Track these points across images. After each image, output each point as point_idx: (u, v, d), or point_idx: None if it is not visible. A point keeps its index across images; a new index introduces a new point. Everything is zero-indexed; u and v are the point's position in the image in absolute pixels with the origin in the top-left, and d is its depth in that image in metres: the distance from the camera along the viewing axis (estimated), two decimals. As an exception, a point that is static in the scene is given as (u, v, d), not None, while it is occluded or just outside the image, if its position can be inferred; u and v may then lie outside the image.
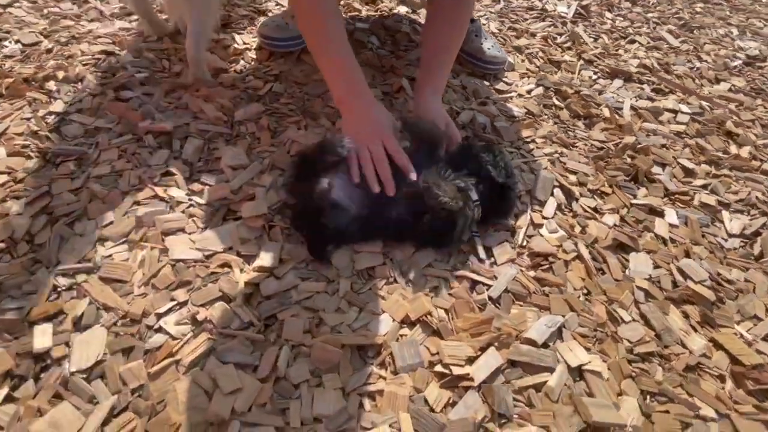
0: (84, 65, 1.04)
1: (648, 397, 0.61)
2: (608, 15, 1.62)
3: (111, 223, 0.72)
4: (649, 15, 1.65)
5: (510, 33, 1.42)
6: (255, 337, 0.61)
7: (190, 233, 0.73)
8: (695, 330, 0.69)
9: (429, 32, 0.94)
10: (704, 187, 0.95)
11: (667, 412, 0.59)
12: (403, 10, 1.49)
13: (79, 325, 0.60)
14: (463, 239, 0.75)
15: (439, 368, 0.61)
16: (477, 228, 0.77)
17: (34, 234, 0.70)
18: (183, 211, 0.75)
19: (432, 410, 0.57)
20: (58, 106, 0.91)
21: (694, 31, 1.58)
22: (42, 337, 0.57)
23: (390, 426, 0.55)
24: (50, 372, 0.56)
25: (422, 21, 1.43)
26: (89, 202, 0.75)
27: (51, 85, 0.96)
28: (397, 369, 0.60)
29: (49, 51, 1.10)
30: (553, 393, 0.59)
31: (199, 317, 0.62)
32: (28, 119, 0.88)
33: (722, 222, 0.88)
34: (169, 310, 0.63)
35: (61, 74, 0.98)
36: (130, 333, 0.60)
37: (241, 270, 0.69)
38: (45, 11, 1.27)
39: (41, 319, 0.60)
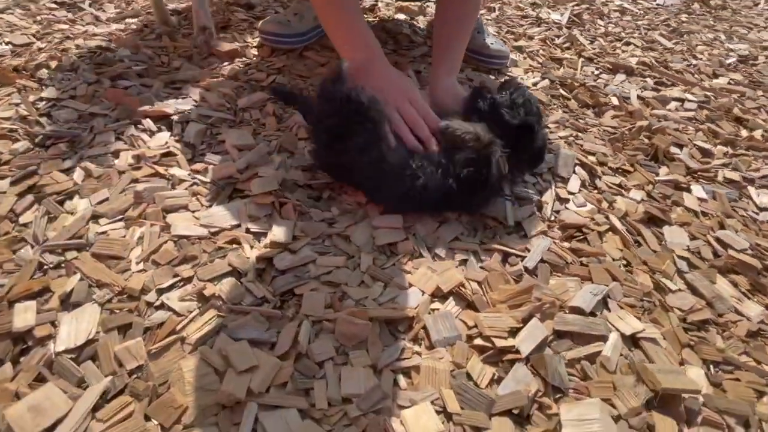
0: (79, 57, 1.00)
1: (711, 366, 0.55)
2: (600, 22, 1.65)
3: (106, 199, 0.65)
4: (639, 23, 1.70)
5: (509, 36, 1.44)
6: (271, 312, 0.54)
7: (194, 211, 0.66)
8: (747, 297, 0.64)
9: (440, 12, 0.93)
10: (725, 165, 0.93)
11: (738, 380, 0.52)
12: (401, 17, 1.50)
13: (67, 303, 0.52)
14: (501, 189, 0.70)
15: (479, 341, 0.54)
16: (509, 190, 0.71)
17: (18, 213, 0.63)
18: (186, 189, 0.69)
19: (477, 385, 0.50)
20: (50, 93, 0.86)
21: (684, 36, 1.62)
22: (23, 314, 0.49)
23: (432, 403, 0.47)
24: (32, 353, 0.47)
25: (421, 25, 1.44)
26: (82, 181, 0.68)
27: (43, 73, 0.91)
28: (433, 343, 0.53)
29: (40, 50, 1.06)
30: (610, 363, 0.52)
31: (207, 293, 0.55)
32: (17, 105, 0.82)
33: (750, 197, 0.85)
34: (172, 286, 0.55)
35: (54, 63, 0.94)
36: (128, 309, 0.52)
37: (251, 246, 0.62)
38: (38, 17, 1.24)
39: (23, 297, 0.52)
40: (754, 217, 0.80)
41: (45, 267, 0.56)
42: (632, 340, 0.56)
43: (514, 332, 0.55)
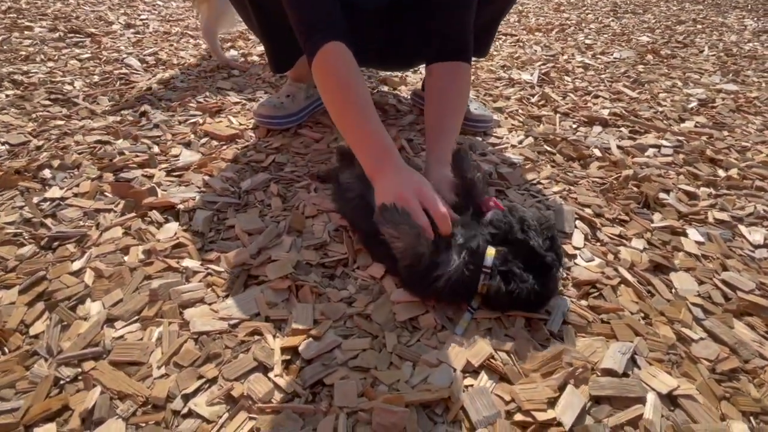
0: (79, 153, 1.01)
1: (752, 418, 0.54)
2: (567, 78, 1.78)
3: (120, 301, 0.64)
4: (602, 76, 1.84)
5: (487, 98, 1.53)
6: (303, 408, 0.52)
7: (210, 303, 0.65)
8: (767, 339, 0.65)
9: (430, 101, 0.94)
10: (712, 206, 0.98)
11: (781, 430, 0.52)
12: (385, 88, 1.59)
13: (89, 421, 0.49)
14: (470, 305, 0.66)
15: (519, 417, 0.53)
16: (476, 304, 0.66)
17: (29, 324, 0.60)
18: (200, 281, 0.69)
19: (526, 467, 0.48)
20: (53, 193, 0.87)
21: (645, 85, 1.76)
22: (44, 441, 0.46)
23: (485, 494, 0.45)
24: (54, 485, 0.44)
25: (405, 95, 1.53)
26: (93, 283, 0.67)
27: (45, 173, 0.92)
28: (474, 424, 0.52)
29: (38, 149, 1.07)
30: (654, 427, 0.52)
31: (235, 393, 0.53)
32: (21, 207, 0.82)
33: (743, 236, 0.89)
34: (198, 390, 0.53)
35: (56, 162, 0.95)
36: (155, 422, 0.49)
37: (274, 336, 0.61)
38: (34, 115, 1.27)
39: (41, 419, 0.49)
40: (752, 256, 0.84)
41: (61, 382, 0.53)
42: (670, 399, 0.55)
43: (552, 402, 0.54)
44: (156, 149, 1.08)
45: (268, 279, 0.70)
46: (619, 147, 1.22)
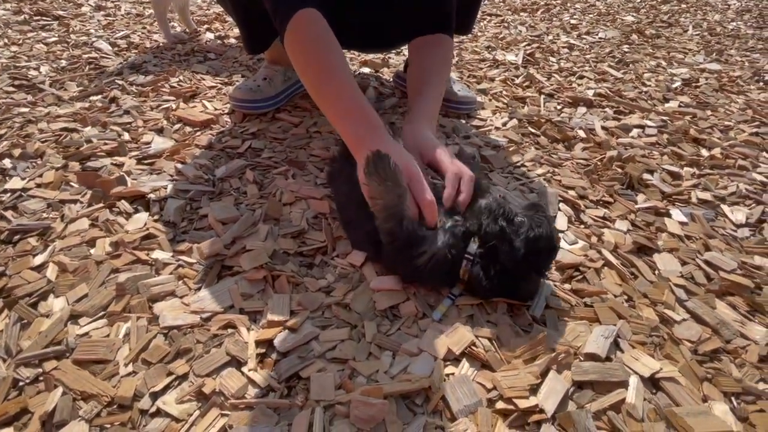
0: (43, 142, 0.96)
1: (733, 398, 0.54)
2: (552, 59, 1.76)
3: (85, 296, 0.61)
4: (587, 56, 1.82)
5: (471, 80, 1.50)
6: (278, 403, 0.50)
7: (181, 297, 0.63)
8: (749, 319, 0.65)
9: (412, 69, 0.94)
10: (695, 186, 0.97)
11: (762, 410, 0.52)
12: (366, 70, 1.55)
13: (50, 424, 0.47)
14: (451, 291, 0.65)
15: (501, 405, 0.51)
16: (458, 291, 0.65)
17: (-13, 322, 0.57)
18: (171, 273, 0.66)
19: (508, 456, 0.47)
20: (14, 183, 0.82)
21: (630, 65, 1.74)
22: (0, 447, 0.44)
23: (465, 485, 0.44)
24: (11, 493, 0.42)
25: (387, 77, 1.49)
26: (56, 278, 0.64)
27: (5, 163, 0.87)
28: (455, 414, 0.50)
29: (1, 137, 1.02)
30: (636, 410, 0.51)
31: (206, 390, 0.50)
32: (-22, 200, 0.78)
33: (725, 215, 0.89)
34: (167, 387, 0.51)
35: (17, 151, 0.90)
36: (120, 422, 0.47)
37: (248, 329, 0.59)
38: (-5, 103, 1.20)
39: (-2, 423, 0.46)
40: (734, 235, 0.83)
41: (20, 383, 0.50)
42: (652, 382, 0.55)
43: (534, 389, 0.53)
44: (126, 136, 1.03)
45: (242, 270, 0.67)
46: (603, 128, 1.21)
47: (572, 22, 2.38)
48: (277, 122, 1.13)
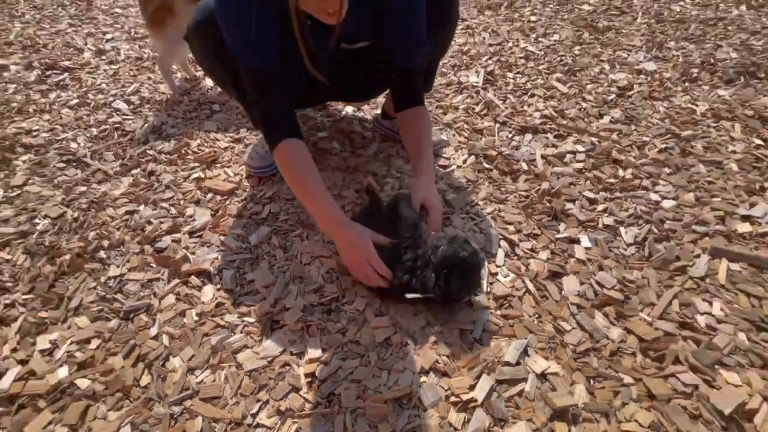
0: (117, 229, 1.29)
1: (590, 381, 0.91)
2: (509, 75, 2.02)
3: (193, 356, 0.97)
4: (540, 67, 2.08)
5: (438, 111, 1.79)
6: (325, 412, 0.87)
7: (251, 347, 0.99)
8: (613, 324, 1.01)
9: (407, 141, 1.28)
10: (605, 210, 1.30)
11: (603, 387, 0.89)
12: (349, 110, 1.82)
13: (200, 438, 0.84)
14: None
15: (453, 399, 0.89)
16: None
17: (138, 380, 0.93)
18: (241, 332, 1.01)
19: (456, 429, 0.84)
20: (113, 271, 1.16)
21: (577, 74, 2.01)
22: (180, 454, 0.81)
23: (432, 447, 0.82)
24: (194, 476, 0.79)
25: (368, 117, 1.77)
26: (169, 343, 0.99)
27: (101, 254, 1.20)
28: (426, 407, 0.87)
29: (75, 220, 1.34)
30: (530, 395, 0.88)
31: (282, 408, 0.87)
32: (94, 288, 1.12)
33: (621, 236, 1.23)
34: (259, 409, 0.88)
35: (105, 243, 1.23)
36: (239, 433, 0.84)
37: (298, 365, 0.95)
38: (55, 181, 1.51)
39: (172, 441, 0.84)
40: (624, 254, 1.18)
41: (175, 416, 0.87)
42: (543, 376, 0.92)
43: (472, 387, 0.90)
44: (173, 211, 1.35)
45: (286, 323, 1.02)
46: (543, 156, 1.52)
47: (532, 18, 2.59)
48: (285, 182, 1.44)
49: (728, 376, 0.89)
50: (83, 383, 0.92)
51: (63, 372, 0.94)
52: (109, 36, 2.62)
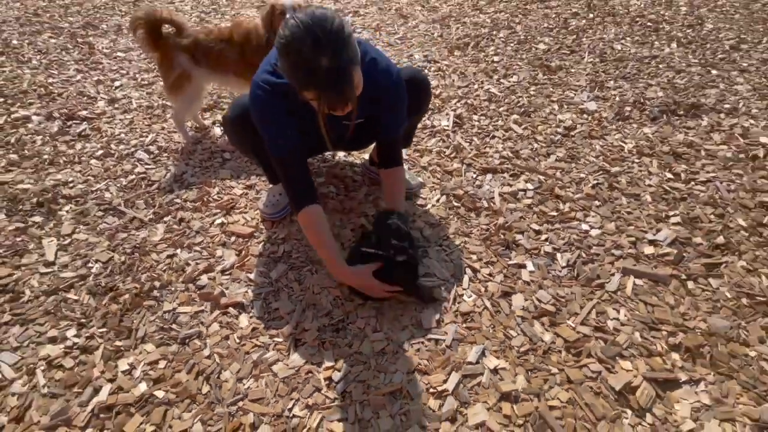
0: (163, 271, 1.61)
1: (529, 372, 1.28)
2: (475, 117, 2.40)
3: (239, 369, 1.30)
4: (501, 108, 2.46)
5: (416, 155, 2.15)
6: (342, 404, 1.22)
7: (282, 360, 1.33)
8: (547, 330, 1.38)
9: (386, 193, 1.63)
10: (546, 240, 1.68)
11: (537, 376, 1.26)
12: (341, 154, 2.17)
13: (252, 429, 1.18)
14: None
15: (431, 390, 1.24)
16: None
17: (200, 389, 1.26)
18: (273, 349, 1.35)
19: (433, 411, 1.20)
20: (167, 306, 1.48)
21: (531, 115, 2.40)
22: (241, 439, 1.15)
23: (417, 425, 1.18)
24: (252, 454, 1.14)
25: (357, 162, 2.13)
26: (220, 361, 1.33)
27: (155, 293, 1.52)
28: (413, 397, 1.23)
29: (123, 263, 1.65)
30: (485, 384, 1.25)
31: (310, 403, 1.22)
32: (153, 320, 1.44)
33: (557, 261, 1.61)
34: (293, 405, 1.22)
35: (157, 283, 1.55)
36: (282, 423, 1.18)
37: (318, 372, 1.30)
38: (98, 229, 1.81)
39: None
40: (559, 275, 1.56)
41: (232, 414, 1.21)
42: (495, 371, 1.28)
43: (445, 381, 1.26)
44: (205, 253, 1.68)
45: (306, 341, 1.37)
46: (500, 194, 1.89)
47: (495, 59, 2.97)
48: (294, 224, 1.79)
49: (623, 364, 1.28)
50: (160, 393, 1.25)
51: (143, 386, 1.26)
52: (117, 83, 2.90)
